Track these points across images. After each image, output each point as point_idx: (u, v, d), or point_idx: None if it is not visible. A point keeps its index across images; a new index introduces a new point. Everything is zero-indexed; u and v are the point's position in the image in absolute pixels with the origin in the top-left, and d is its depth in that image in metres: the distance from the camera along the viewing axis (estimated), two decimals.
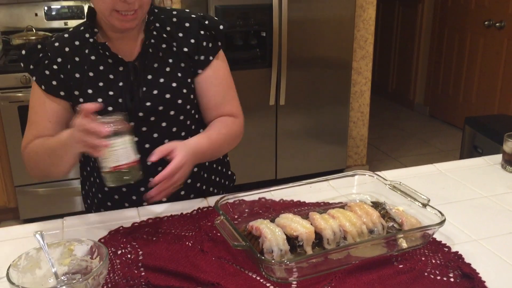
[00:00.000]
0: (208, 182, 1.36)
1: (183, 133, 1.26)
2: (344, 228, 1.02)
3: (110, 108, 1.18)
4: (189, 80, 1.25)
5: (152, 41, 1.23)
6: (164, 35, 1.25)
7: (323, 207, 1.18)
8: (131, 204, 1.27)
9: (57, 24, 3.13)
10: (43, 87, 1.22)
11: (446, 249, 1.04)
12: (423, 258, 1.00)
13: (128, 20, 1.14)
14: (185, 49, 1.25)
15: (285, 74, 2.93)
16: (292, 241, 0.98)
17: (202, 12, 1.32)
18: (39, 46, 1.24)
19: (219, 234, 1.08)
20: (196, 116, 1.30)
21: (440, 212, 1.04)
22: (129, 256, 1.02)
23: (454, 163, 1.50)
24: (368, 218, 1.05)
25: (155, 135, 1.23)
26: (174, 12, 1.29)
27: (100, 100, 1.19)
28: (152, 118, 1.22)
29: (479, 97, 4.25)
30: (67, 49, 1.22)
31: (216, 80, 1.28)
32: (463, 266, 0.98)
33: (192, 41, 1.26)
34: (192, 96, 1.27)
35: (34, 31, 3.00)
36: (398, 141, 4.30)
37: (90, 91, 1.20)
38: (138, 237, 1.08)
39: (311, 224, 1.02)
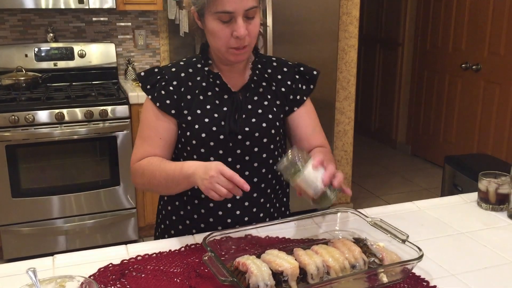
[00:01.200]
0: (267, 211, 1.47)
1: (270, 161, 1.42)
2: (327, 263, 1.06)
3: (214, 128, 1.34)
4: (281, 116, 1.43)
5: (255, 78, 1.40)
6: (266, 75, 1.43)
7: (307, 243, 1.22)
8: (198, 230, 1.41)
9: (46, 65, 3.19)
10: (157, 104, 1.35)
11: (425, 283, 1.08)
12: None
13: (240, 53, 1.31)
14: (283, 89, 1.43)
15: None
16: (278, 276, 1.02)
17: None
18: (156, 70, 1.39)
19: (206, 270, 1.11)
20: (280, 147, 1.46)
21: (419, 248, 1.09)
22: None
23: (432, 200, 1.55)
24: (350, 254, 1.10)
25: (247, 157, 1.38)
26: (274, 58, 1.49)
27: (206, 120, 1.34)
28: (247, 143, 1.37)
29: (458, 137, 4.37)
30: (182, 74, 1.38)
31: (307, 115, 1.46)
32: None
33: (289, 83, 1.44)
34: (281, 130, 1.44)
35: (24, 71, 3.05)
36: (381, 179, 4.38)
37: (198, 111, 1.35)
38: (127, 273, 1.11)
39: (296, 259, 1.06)
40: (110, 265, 1.14)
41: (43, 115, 2.71)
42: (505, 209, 1.45)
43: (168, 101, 1.35)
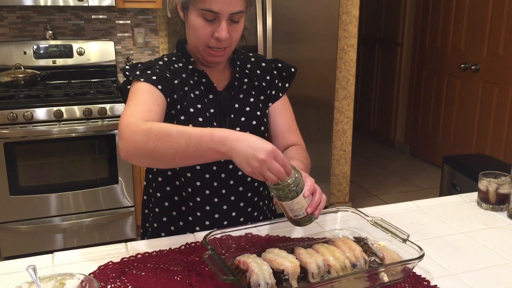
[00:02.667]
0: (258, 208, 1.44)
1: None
2: (328, 262, 1.05)
3: None
4: (266, 111, 1.41)
5: (237, 75, 1.38)
6: (247, 71, 1.41)
7: (307, 242, 1.22)
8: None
9: (45, 62, 3.18)
10: (150, 82, 1.22)
11: (426, 283, 1.08)
12: None
13: (217, 55, 1.28)
14: (263, 84, 1.42)
15: None
16: (278, 275, 1.01)
17: None
18: (139, 65, 1.29)
19: (207, 269, 1.10)
20: None
21: (420, 247, 1.09)
22: None
23: (432, 200, 1.55)
24: (351, 253, 1.09)
25: (243, 132, 1.32)
26: (251, 54, 1.45)
27: (200, 119, 1.29)
28: None
29: (457, 137, 4.38)
30: (172, 67, 1.32)
31: (283, 111, 1.43)
32: None
33: (268, 77, 1.42)
34: (267, 126, 1.42)
35: (23, 69, 3.04)
36: (379, 179, 4.38)
37: (191, 110, 1.30)
38: (127, 271, 1.10)
39: (297, 258, 1.05)
40: (110, 263, 1.14)
41: (41, 113, 2.71)
42: (505, 209, 1.45)
43: (160, 87, 1.23)
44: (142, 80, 1.23)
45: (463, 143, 4.30)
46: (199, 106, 1.31)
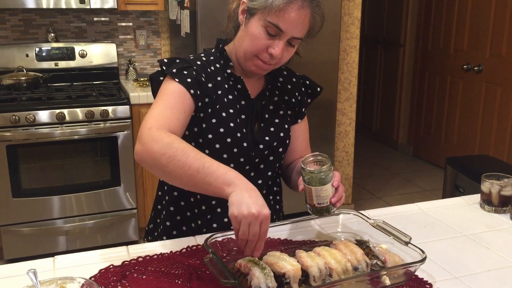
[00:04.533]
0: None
1: (279, 170, 1.44)
2: (329, 265, 1.05)
3: (238, 135, 1.29)
4: (290, 126, 1.42)
5: (269, 86, 1.38)
6: (279, 84, 1.41)
7: (309, 245, 1.22)
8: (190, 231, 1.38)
9: (47, 65, 3.19)
10: (184, 85, 1.22)
11: (428, 286, 1.08)
12: None
13: (262, 68, 1.28)
14: (293, 100, 1.42)
15: None
16: (280, 278, 1.01)
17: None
18: (177, 61, 1.28)
19: (208, 272, 1.10)
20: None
21: (422, 250, 1.08)
22: None
23: (435, 202, 1.55)
24: (352, 256, 1.09)
25: (262, 166, 1.36)
26: (283, 67, 1.43)
27: (232, 125, 1.29)
28: (266, 152, 1.35)
29: (460, 138, 4.36)
30: (209, 70, 1.30)
31: (305, 129, 1.48)
32: None
33: (297, 94, 1.44)
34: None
35: (25, 71, 3.05)
36: (382, 181, 4.37)
37: (223, 114, 1.29)
38: (128, 275, 1.10)
39: (298, 261, 1.05)
40: (111, 266, 1.14)
41: (43, 115, 2.71)
42: (508, 211, 1.45)
43: (192, 91, 1.23)
44: (177, 80, 1.23)
45: (466, 144, 4.28)
46: (231, 111, 1.30)
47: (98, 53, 3.28)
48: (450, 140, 4.48)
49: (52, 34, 3.19)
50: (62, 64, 3.23)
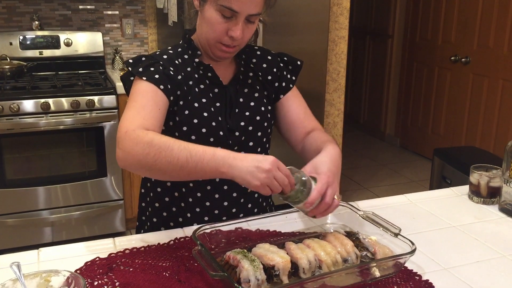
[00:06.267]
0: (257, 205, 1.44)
1: (262, 153, 1.39)
2: (319, 257, 1.04)
3: (213, 124, 1.27)
4: (269, 107, 1.39)
5: (242, 69, 1.36)
6: (251, 65, 1.39)
7: (298, 236, 1.21)
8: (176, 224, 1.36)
9: (32, 53, 3.13)
10: (153, 82, 1.21)
11: (417, 278, 1.07)
12: (395, 287, 1.03)
13: (227, 52, 1.27)
14: (269, 77, 1.40)
15: None
16: (269, 270, 1.00)
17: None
18: (143, 58, 1.27)
19: (196, 264, 1.09)
20: (268, 138, 1.43)
21: (411, 242, 1.08)
22: (105, 287, 1.02)
23: (424, 193, 1.55)
24: (342, 248, 1.08)
25: (242, 153, 1.29)
26: (256, 47, 1.43)
27: (205, 114, 1.27)
28: (243, 138, 1.33)
29: (447, 129, 4.39)
30: (177, 62, 1.29)
31: (296, 99, 1.43)
32: None
33: (274, 70, 1.41)
34: (271, 122, 1.40)
35: (9, 60, 2.99)
36: (370, 172, 4.38)
37: (196, 104, 1.28)
38: (114, 267, 1.08)
39: (287, 253, 1.04)
40: (97, 259, 1.12)
41: (28, 105, 2.66)
42: (496, 202, 1.45)
43: (162, 87, 1.22)
44: (145, 78, 1.21)
45: (453, 136, 4.31)
46: (204, 100, 1.29)
47: (83, 42, 3.23)
48: (437, 131, 4.50)
49: (37, 22, 3.13)
50: (47, 52, 3.17)
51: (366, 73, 5.43)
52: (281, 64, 1.43)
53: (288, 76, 1.44)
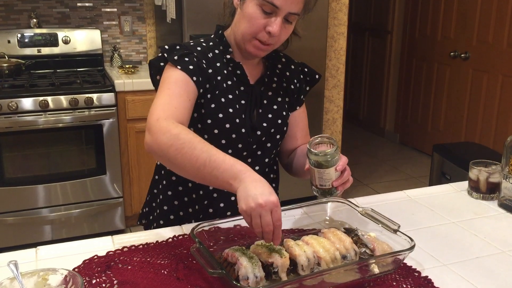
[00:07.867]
0: None
1: (276, 157, 1.45)
2: (318, 254, 1.04)
3: (237, 120, 1.29)
4: (289, 114, 1.42)
5: (268, 72, 1.38)
6: (277, 71, 1.40)
7: (297, 233, 1.21)
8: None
9: (30, 51, 3.12)
10: (186, 72, 1.22)
11: (416, 274, 1.07)
12: (394, 283, 1.03)
13: (262, 49, 1.26)
14: (292, 87, 1.41)
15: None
16: (268, 267, 1.00)
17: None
18: (177, 47, 1.27)
19: (194, 262, 1.08)
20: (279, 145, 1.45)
21: (410, 238, 1.07)
22: (103, 285, 1.01)
23: (423, 189, 1.54)
24: (341, 244, 1.08)
25: (259, 152, 1.36)
26: (281, 54, 1.44)
27: (231, 110, 1.28)
28: (263, 138, 1.34)
29: (446, 125, 4.38)
30: (209, 55, 1.30)
31: (304, 115, 1.47)
32: None
33: (295, 81, 1.43)
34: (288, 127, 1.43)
35: (7, 58, 2.98)
36: (369, 168, 4.38)
37: (222, 99, 1.28)
38: (113, 266, 1.08)
39: (286, 250, 1.03)
40: (95, 257, 1.11)
41: (27, 103, 2.66)
42: (495, 198, 1.45)
43: (194, 78, 1.23)
44: (179, 67, 1.22)
45: (452, 132, 4.30)
46: (230, 96, 1.30)
47: (82, 39, 3.22)
48: (437, 127, 4.50)
49: (35, 20, 3.12)
50: (45, 50, 3.16)
51: (365, 70, 5.42)
52: (301, 76, 1.45)
53: (304, 87, 1.46)
